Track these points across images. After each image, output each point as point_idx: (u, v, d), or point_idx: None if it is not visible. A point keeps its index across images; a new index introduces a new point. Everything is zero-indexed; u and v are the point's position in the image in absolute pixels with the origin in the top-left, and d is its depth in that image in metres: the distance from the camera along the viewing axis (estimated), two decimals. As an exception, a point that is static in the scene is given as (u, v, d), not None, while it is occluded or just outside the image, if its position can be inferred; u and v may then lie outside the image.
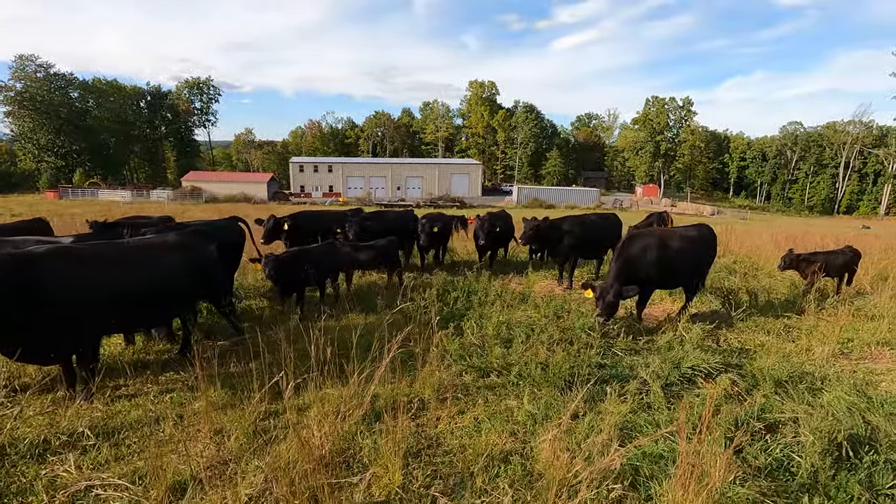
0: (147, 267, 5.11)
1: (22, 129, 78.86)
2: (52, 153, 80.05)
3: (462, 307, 7.86)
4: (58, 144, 79.93)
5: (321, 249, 8.49)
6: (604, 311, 6.45)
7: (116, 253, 5.06)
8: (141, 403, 4.89)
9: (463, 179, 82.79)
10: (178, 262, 5.39)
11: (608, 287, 6.56)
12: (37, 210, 39.73)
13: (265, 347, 5.56)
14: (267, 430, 4.27)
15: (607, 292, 6.50)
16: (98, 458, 3.90)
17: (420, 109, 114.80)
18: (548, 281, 11.02)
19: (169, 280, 5.26)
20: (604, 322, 6.39)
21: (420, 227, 11.14)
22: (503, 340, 6.27)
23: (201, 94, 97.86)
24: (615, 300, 6.47)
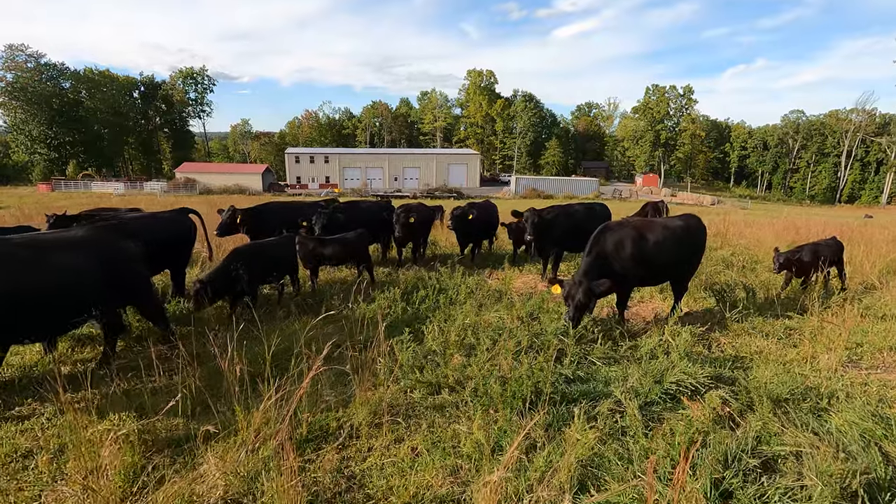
0: (30, 267, 4.35)
1: (14, 120, 77.72)
2: (45, 145, 78.98)
3: (429, 308, 7.11)
4: (50, 136, 78.84)
5: (274, 245, 7.72)
6: (574, 311, 5.71)
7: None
8: (28, 428, 4.16)
9: (461, 170, 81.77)
10: (76, 261, 4.63)
11: (576, 283, 5.81)
12: (23, 203, 38.96)
13: (188, 360, 4.82)
14: (159, 467, 3.54)
15: (575, 289, 5.75)
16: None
17: (418, 99, 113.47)
18: (532, 275, 10.27)
19: (62, 281, 4.50)
20: (574, 324, 5.65)
21: (395, 217, 10.36)
22: (466, 347, 5.53)
23: (196, 85, 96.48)
24: (585, 299, 5.72)
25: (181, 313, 7.10)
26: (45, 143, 78.80)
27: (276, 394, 3.83)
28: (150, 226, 7.24)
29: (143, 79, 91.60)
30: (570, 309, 5.77)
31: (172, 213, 7.97)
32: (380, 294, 7.17)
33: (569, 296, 5.82)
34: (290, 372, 4.29)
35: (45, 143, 78.80)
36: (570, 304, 5.80)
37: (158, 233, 7.16)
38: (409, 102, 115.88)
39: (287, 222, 10.42)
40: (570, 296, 5.81)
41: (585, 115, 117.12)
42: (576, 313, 5.70)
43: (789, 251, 8.53)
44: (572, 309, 5.76)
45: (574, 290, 5.80)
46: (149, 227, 7.12)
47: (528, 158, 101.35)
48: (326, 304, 6.97)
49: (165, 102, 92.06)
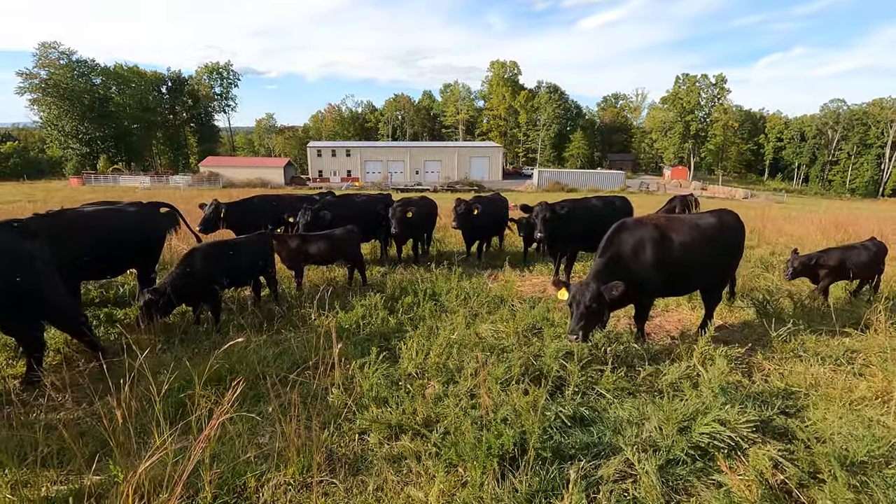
0: None
1: (48, 116, 79.91)
2: (77, 140, 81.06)
3: (415, 317, 6.15)
4: (82, 131, 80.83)
5: (241, 245, 6.87)
6: (580, 321, 4.67)
7: None
8: None
9: (482, 163, 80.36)
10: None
11: (584, 287, 4.77)
12: (50, 196, 39.66)
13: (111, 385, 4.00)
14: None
15: (583, 293, 4.71)
16: None
17: (440, 92, 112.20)
18: (542, 277, 9.20)
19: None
20: (581, 339, 4.62)
21: (391, 212, 9.43)
22: (447, 372, 4.56)
23: (221, 80, 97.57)
24: (596, 306, 4.69)
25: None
26: (78, 138, 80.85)
27: (174, 441, 2.94)
28: (109, 221, 6.47)
29: (170, 74, 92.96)
30: (574, 317, 4.72)
31: (140, 207, 7.21)
32: (359, 300, 6.25)
33: (574, 301, 4.78)
34: (212, 407, 3.38)
35: (78, 138, 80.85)
36: (575, 311, 4.75)
37: (119, 229, 6.40)
38: (432, 95, 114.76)
39: (273, 218, 9.63)
40: (576, 301, 4.77)
41: (612, 106, 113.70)
42: (582, 323, 4.66)
43: (807, 255, 7.27)
44: (577, 317, 4.71)
45: (581, 294, 4.76)
46: (106, 223, 6.35)
47: (551, 151, 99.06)
48: (296, 312, 6.09)
49: (192, 97, 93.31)
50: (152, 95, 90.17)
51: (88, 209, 6.61)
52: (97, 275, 6.63)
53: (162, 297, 5.53)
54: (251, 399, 4.18)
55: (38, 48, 77.89)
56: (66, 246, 5.60)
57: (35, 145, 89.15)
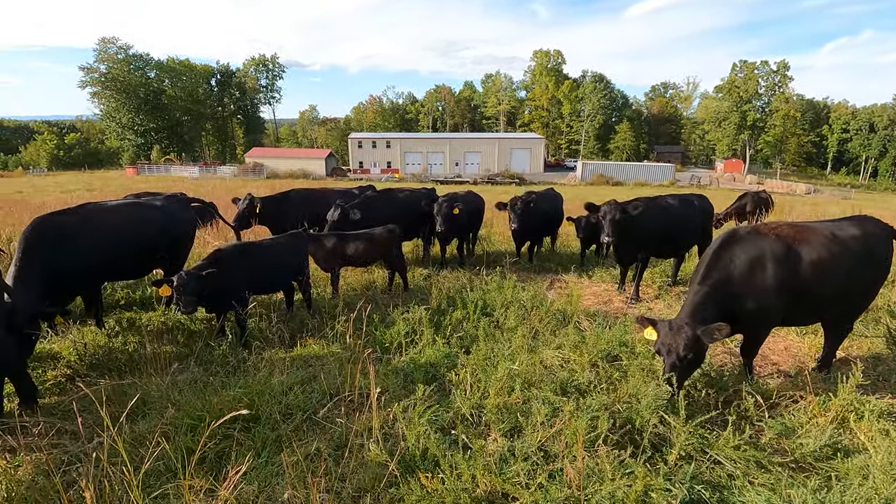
0: None
1: (107, 108, 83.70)
2: (133, 131, 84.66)
3: (465, 337, 5.27)
4: (137, 123, 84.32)
5: (271, 245, 6.17)
6: (671, 372, 3.67)
7: None
8: None
9: (524, 154, 78.46)
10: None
11: (677, 331, 3.75)
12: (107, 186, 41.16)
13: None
14: None
15: (679, 339, 3.70)
16: None
17: (482, 82, 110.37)
18: (605, 285, 8.13)
19: None
20: (676, 386, 3.62)
21: (437, 208, 8.57)
22: (510, 416, 3.65)
23: (267, 72, 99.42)
24: (692, 356, 3.69)
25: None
26: (133, 129, 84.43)
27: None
28: (128, 218, 5.89)
29: (219, 67, 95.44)
30: (666, 366, 3.73)
31: (164, 201, 6.64)
32: (401, 314, 5.41)
33: (665, 347, 3.77)
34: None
35: (133, 129, 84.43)
36: (666, 359, 3.75)
37: (139, 226, 5.83)
38: (473, 86, 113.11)
39: (311, 213, 8.95)
40: (667, 348, 3.76)
41: (661, 96, 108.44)
42: (676, 375, 3.65)
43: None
44: (669, 366, 3.72)
45: (674, 340, 3.74)
46: (125, 220, 5.78)
47: (595, 143, 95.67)
48: (328, 323, 5.33)
49: (239, 90, 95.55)
50: (202, 88, 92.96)
51: (110, 204, 6.05)
52: (117, 275, 6.11)
53: (196, 281, 4.86)
54: (272, 444, 3.42)
55: (99, 43, 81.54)
56: (82, 245, 5.05)
57: (95, 136, 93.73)
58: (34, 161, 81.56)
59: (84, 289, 5.40)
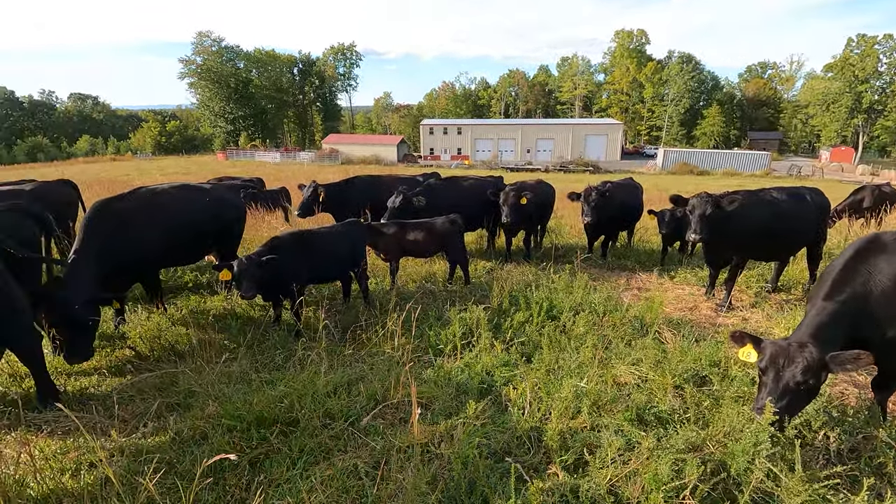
0: None
1: (202, 98, 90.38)
2: (224, 119, 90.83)
3: (527, 342, 4.77)
4: (228, 111, 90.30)
5: (328, 234, 5.97)
6: (779, 402, 2.91)
7: None
8: None
9: (599, 141, 74.85)
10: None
11: (797, 350, 2.99)
12: (201, 169, 44.44)
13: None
14: None
15: (793, 363, 2.95)
16: None
17: (557, 66, 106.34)
18: (689, 288, 7.23)
19: None
20: (778, 430, 2.90)
21: (503, 198, 8.04)
22: (576, 443, 3.14)
23: (345, 60, 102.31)
24: (813, 383, 2.92)
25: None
26: (224, 117, 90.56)
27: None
28: (182, 203, 5.92)
29: (301, 56, 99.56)
30: (771, 391, 2.99)
31: (215, 186, 6.69)
32: (457, 313, 5.00)
33: (774, 368, 3.03)
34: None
35: (224, 117, 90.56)
36: (773, 383, 3.01)
37: (192, 211, 5.87)
38: (548, 70, 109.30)
39: (374, 200, 8.75)
40: (779, 370, 3.01)
41: (758, 77, 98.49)
42: (784, 404, 2.91)
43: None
44: (777, 392, 2.97)
45: (791, 362, 2.99)
46: (179, 205, 5.82)
47: (679, 128, 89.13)
48: (380, 320, 5.04)
49: (319, 78, 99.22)
50: (285, 77, 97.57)
51: (161, 188, 6.11)
52: (171, 260, 6.19)
53: (256, 267, 4.79)
54: (309, 454, 3.15)
55: (196, 37, 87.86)
56: (138, 230, 5.11)
57: (192, 124, 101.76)
58: (141, 146, 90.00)
59: (140, 273, 5.48)
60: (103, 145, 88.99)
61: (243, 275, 4.82)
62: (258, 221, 10.15)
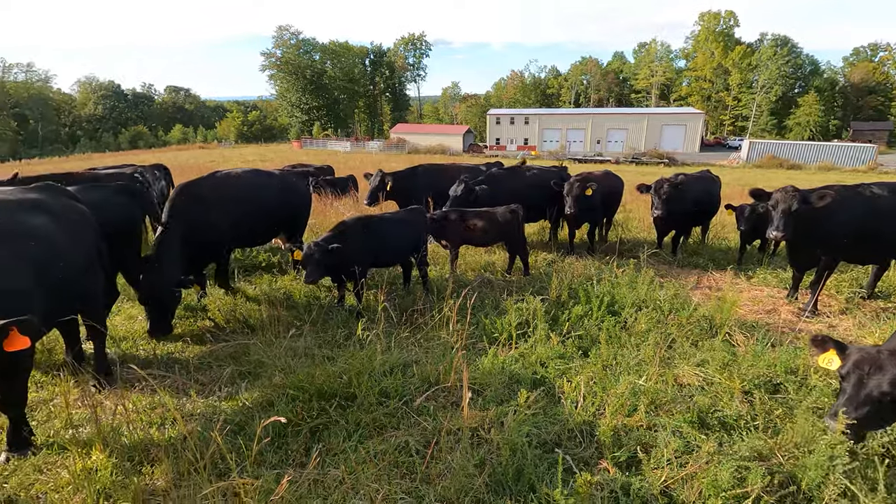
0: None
1: (281, 89, 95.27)
2: (299, 109, 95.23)
3: (584, 336, 4.66)
4: (303, 101, 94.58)
5: (393, 221, 6.13)
6: (859, 410, 2.63)
7: None
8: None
9: (677, 132, 70.63)
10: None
11: (885, 362, 2.68)
12: (278, 157, 47.00)
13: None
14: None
15: (882, 373, 2.65)
16: None
17: (634, 52, 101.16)
18: (768, 290, 6.71)
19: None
20: (855, 441, 2.63)
21: (567, 188, 7.85)
22: (630, 440, 3.05)
23: (414, 50, 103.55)
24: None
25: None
26: (300, 107, 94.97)
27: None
28: (255, 187, 6.31)
29: (373, 48, 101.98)
30: (852, 402, 2.70)
31: (285, 173, 7.06)
32: (514, 303, 4.98)
33: (857, 378, 2.75)
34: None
35: (300, 107, 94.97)
36: (859, 392, 2.72)
37: (264, 195, 6.24)
38: (623, 57, 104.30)
39: (437, 189, 8.85)
40: (862, 381, 2.72)
41: (866, 60, 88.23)
42: (865, 413, 2.64)
43: None
44: (861, 403, 2.69)
45: (880, 374, 2.69)
46: (252, 188, 6.21)
47: (769, 118, 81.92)
48: (437, 306, 5.11)
49: (389, 68, 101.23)
50: (357, 68, 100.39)
51: (236, 172, 6.51)
52: (243, 242, 6.58)
53: (321, 252, 5.06)
54: (364, 428, 3.30)
55: (276, 31, 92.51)
56: (216, 212, 5.50)
57: (271, 114, 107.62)
58: (225, 135, 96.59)
59: (216, 253, 5.85)
60: (193, 134, 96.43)
61: (309, 260, 5.09)
62: (326, 207, 10.60)
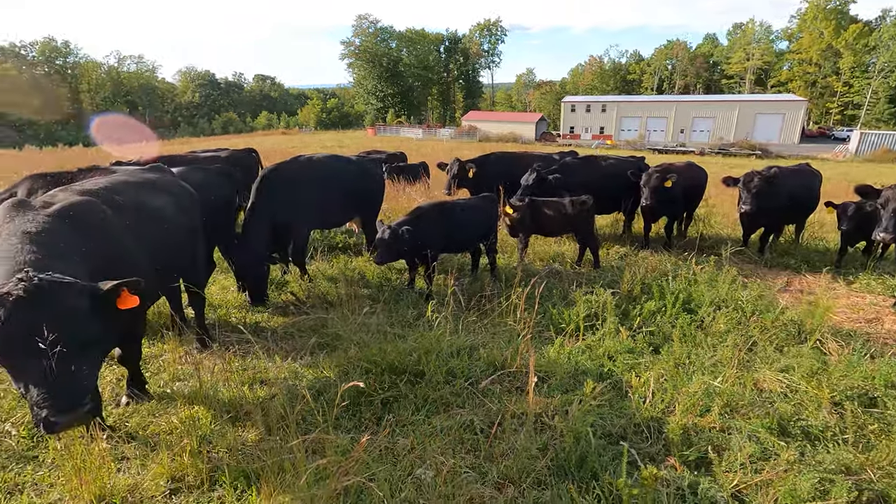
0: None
1: (358, 77, 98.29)
2: (375, 97, 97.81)
3: (655, 332, 4.52)
4: (379, 89, 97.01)
5: (466, 207, 6.22)
6: None
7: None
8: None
9: (772, 121, 64.64)
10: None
11: None
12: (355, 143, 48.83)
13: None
14: None
15: None
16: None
17: (727, 34, 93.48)
18: (870, 298, 6.09)
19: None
20: None
21: (645, 179, 7.54)
22: (700, 441, 2.97)
23: (490, 36, 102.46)
24: None
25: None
26: (375, 95, 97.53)
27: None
28: (334, 170, 6.64)
29: (448, 34, 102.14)
30: None
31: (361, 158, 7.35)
32: (582, 294, 4.92)
33: None
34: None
35: (375, 95, 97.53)
36: None
37: (342, 179, 6.56)
38: (715, 39, 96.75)
39: (509, 177, 8.83)
40: None
41: None
42: None
43: None
44: None
45: None
46: (332, 172, 6.54)
47: (887, 106, 72.58)
48: (505, 293, 5.16)
49: (463, 55, 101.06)
50: (432, 55, 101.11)
51: (317, 157, 6.85)
52: (323, 223, 6.93)
53: (393, 236, 5.29)
54: (431, 404, 3.47)
55: (356, 20, 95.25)
56: (299, 194, 5.86)
57: (348, 102, 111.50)
58: (306, 122, 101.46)
59: (297, 232, 6.20)
60: (277, 120, 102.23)
61: (381, 243, 5.30)
62: (398, 193, 10.93)
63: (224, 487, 2.66)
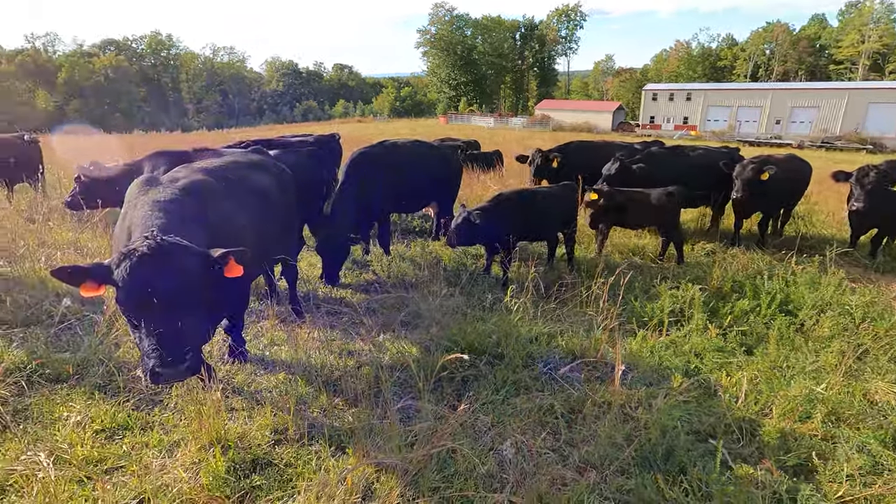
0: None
1: (432, 65, 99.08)
2: (448, 85, 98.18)
3: (748, 333, 4.27)
4: (452, 77, 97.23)
5: (547, 195, 6.15)
6: None
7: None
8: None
9: (889, 111, 57.31)
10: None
11: None
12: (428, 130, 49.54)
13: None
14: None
15: None
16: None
17: (839, 14, 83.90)
18: None
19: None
20: None
21: (738, 170, 7.06)
22: (800, 447, 2.80)
23: (568, 22, 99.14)
24: None
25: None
26: (448, 83, 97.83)
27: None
28: (418, 156, 6.79)
29: (524, 21, 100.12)
30: None
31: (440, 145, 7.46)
32: (667, 288, 4.73)
33: None
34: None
35: (448, 83, 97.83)
36: None
37: (424, 165, 6.71)
38: (823, 21, 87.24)
39: (589, 166, 8.59)
40: None
41: None
42: None
43: None
44: None
45: None
46: (416, 158, 6.71)
47: None
48: (584, 283, 5.08)
49: (539, 42, 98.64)
50: (507, 43, 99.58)
51: (401, 141, 7.02)
52: (403, 207, 7.12)
53: (467, 223, 5.37)
54: (510, 386, 3.53)
55: (432, 8, 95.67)
56: (384, 177, 6.07)
57: (421, 90, 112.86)
58: (380, 110, 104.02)
59: (382, 214, 6.44)
60: (353, 108, 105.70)
61: (458, 227, 5.36)
62: (473, 180, 10.98)
63: (321, 443, 2.89)
